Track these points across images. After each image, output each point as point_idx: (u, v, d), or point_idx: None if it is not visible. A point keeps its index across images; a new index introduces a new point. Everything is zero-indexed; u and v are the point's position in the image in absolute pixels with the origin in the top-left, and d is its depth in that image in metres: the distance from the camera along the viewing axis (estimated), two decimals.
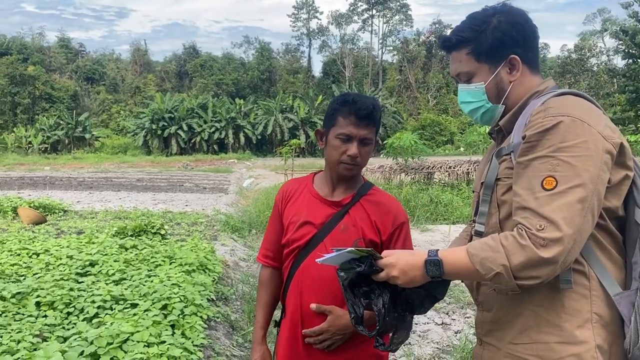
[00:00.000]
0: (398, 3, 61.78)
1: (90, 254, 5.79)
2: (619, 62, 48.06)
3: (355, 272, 1.52)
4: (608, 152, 1.34)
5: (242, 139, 44.53)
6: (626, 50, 40.73)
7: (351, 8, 63.15)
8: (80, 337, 3.43)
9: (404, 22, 62.72)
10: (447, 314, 5.21)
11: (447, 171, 16.23)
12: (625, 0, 40.57)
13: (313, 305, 1.87)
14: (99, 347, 3.24)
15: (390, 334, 1.60)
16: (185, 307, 4.25)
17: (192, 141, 44.65)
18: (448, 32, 1.67)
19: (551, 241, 1.28)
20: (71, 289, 4.57)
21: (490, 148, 1.76)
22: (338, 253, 1.54)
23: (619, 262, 1.42)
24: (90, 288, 4.67)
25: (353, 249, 1.51)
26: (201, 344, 3.90)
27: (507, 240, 1.33)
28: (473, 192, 1.75)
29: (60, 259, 5.72)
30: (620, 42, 41.75)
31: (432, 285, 1.50)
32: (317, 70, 65.47)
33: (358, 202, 1.94)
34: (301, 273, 1.91)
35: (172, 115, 44.63)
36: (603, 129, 1.36)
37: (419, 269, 1.44)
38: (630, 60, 40.84)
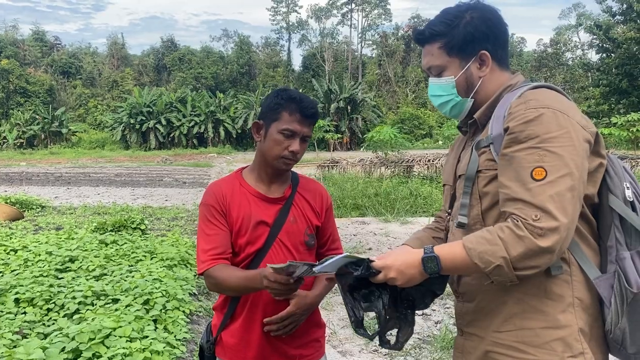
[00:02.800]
0: None
1: (70, 250, 5.75)
2: (593, 56, 48.90)
3: (353, 277, 1.50)
4: (587, 141, 1.40)
5: (222, 133, 44.22)
6: (600, 45, 41.41)
7: (330, 2, 63.12)
8: (61, 333, 3.41)
9: (383, 17, 62.95)
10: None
11: (426, 164, 16.39)
12: None
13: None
14: (80, 343, 3.23)
15: (396, 332, 1.60)
16: (167, 301, 4.26)
17: (171, 135, 44.17)
18: (412, 31, 1.69)
19: (548, 230, 1.31)
20: (51, 285, 4.53)
21: (456, 141, 1.79)
22: (333, 260, 1.52)
23: (595, 247, 1.47)
24: (71, 284, 4.64)
25: (347, 254, 1.51)
26: (184, 338, 3.91)
27: (504, 232, 1.35)
28: (444, 185, 1.78)
29: (39, 255, 5.66)
30: (595, 36, 42.38)
31: (430, 281, 1.50)
32: (297, 64, 65.33)
33: (297, 192, 2.01)
34: None
35: (151, 110, 44.07)
36: (580, 119, 1.42)
37: (416, 267, 1.44)
38: (604, 55, 41.54)
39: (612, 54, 39.92)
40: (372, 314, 1.59)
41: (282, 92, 1.93)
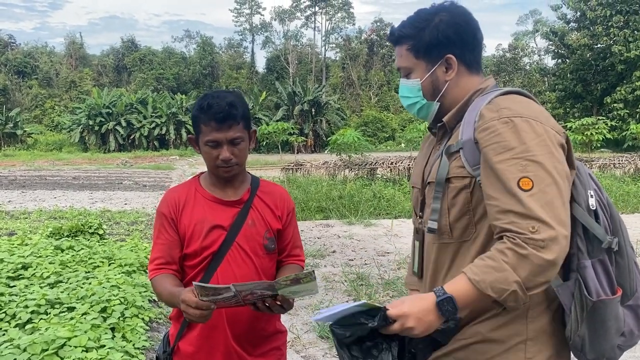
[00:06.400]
0: (340, 1, 62.24)
1: (23, 256, 5.53)
2: (549, 61, 50.38)
3: (368, 329, 1.34)
4: (561, 146, 1.41)
5: (184, 135, 43.56)
6: (556, 51, 42.80)
7: (294, 4, 63.11)
8: (12, 344, 3.27)
9: (346, 20, 63.29)
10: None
11: (389, 167, 16.53)
12: (555, 2, 42.58)
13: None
14: (32, 355, 3.11)
15: None
16: (125, 309, 4.15)
17: (131, 137, 43.31)
18: (389, 30, 1.68)
19: (549, 241, 1.28)
20: (1, 294, 4.35)
21: (426, 142, 1.78)
22: (341, 308, 1.38)
23: None
24: (23, 292, 4.46)
25: (365, 302, 1.37)
26: (143, 346, 3.81)
27: (507, 255, 1.31)
28: (412, 187, 1.75)
29: None
30: (550, 42, 43.75)
31: (436, 331, 1.38)
32: (260, 66, 65.07)
33: (256, 195, 1.98)
34: (219, 277, 1.86)
35: (110, 111, 43.13)
36: (553, 124, 1.43)
37: (433, 312, 1.35)
38: (560, 60, 42.97)
39: (567, 60, 41.30)
40: None
41: (197, 102, 1.89)
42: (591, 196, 1.44)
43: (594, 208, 1.43)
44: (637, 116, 34.98)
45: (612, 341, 1.44)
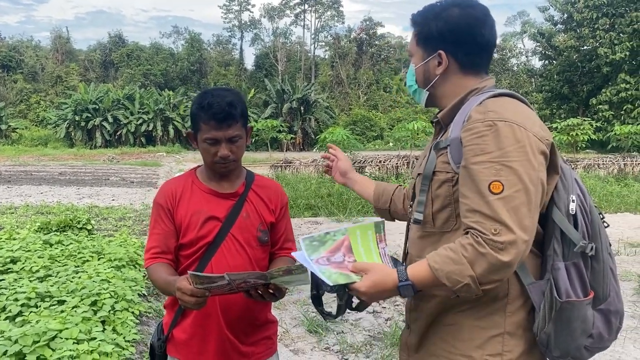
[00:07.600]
0: None
1: (12, 250, 5.51)
2: (537, 62, 50.87)
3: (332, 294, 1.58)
4: (542, 152, 1.44)
5: (172, 132, 43.37)
6: (543, 52, 43.26)
7: (283, 2, 63.01)
8: (2, 336, 3.28)
9: (336, 18, 63.31)
10: (378, 302, 5.38)
11: (377, 165, 16.63)
12: (543, 4, 42.99)
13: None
14: (24, 346, 3.12)
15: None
16: (115, 302, 4.16)
17: (118, 133, 42.99)
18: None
19: (508, 244, 1.35)
20: None
21: (432, 139, 1.86)
22: (316, 272, 1.55)
23: (537, 253, 1.52)
24: (13, 286, 4.45)
25: (335, 283, 1.51)
26: (133, 339, 3.84)
27: (467, 250, 1.38)
28: (412, 179, 1.83)
29: None
30: (538, 44, 44.19)
31: None
32: (249, 63, 64.89)
33: (251, 189, 2.03)
34: (214, 267, 1.92)
35: (97, 106, 42.75)
36: (538, 130, 1.45)
37: (391, 291, 1.49)
38: (547, 62, 43.44)
39: (554, 61, 41.75)
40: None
41: (196, 100, 1.93)
42: (573, 201, 1.49)
43: (574, 213, 1.48)
44: (622, 118, 35.48)
45: (578, 341, 1.49)
